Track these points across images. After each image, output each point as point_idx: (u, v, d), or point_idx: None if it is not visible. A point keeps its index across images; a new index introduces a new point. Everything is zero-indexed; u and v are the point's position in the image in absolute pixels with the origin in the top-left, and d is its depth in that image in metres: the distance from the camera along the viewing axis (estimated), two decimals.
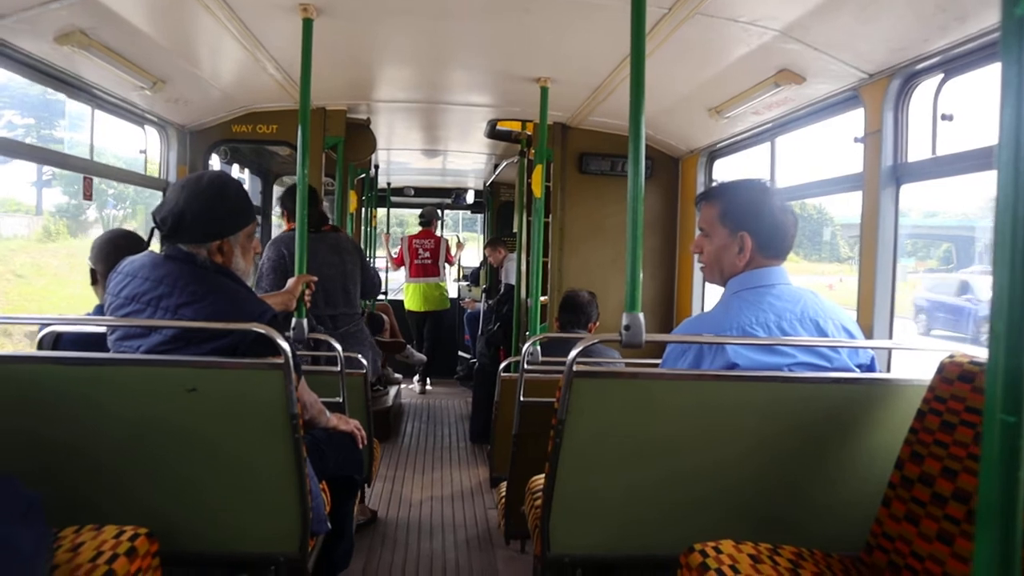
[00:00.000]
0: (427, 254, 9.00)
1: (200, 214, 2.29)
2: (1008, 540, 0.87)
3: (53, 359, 2.25)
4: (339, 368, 3.31)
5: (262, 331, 2.09)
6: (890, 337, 3.10)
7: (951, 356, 1.93)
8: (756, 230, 2.34)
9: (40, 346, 2.65)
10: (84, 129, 3.89)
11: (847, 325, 2.33)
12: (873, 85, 3.11)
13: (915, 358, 2.41)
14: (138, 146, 4.62)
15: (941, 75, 2.86)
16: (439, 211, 9.51)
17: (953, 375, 1.88)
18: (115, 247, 2.82)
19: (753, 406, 2.12)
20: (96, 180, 4.02)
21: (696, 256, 2.52)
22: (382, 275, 6.64)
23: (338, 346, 3.29)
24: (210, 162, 5.17)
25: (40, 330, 2.70)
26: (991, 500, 0.87)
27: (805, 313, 2.27)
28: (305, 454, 2.22)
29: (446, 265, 9.27)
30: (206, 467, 2.22)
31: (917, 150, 3.03)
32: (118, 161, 4.63)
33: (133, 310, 2.25)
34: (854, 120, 3.30)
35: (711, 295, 5.33)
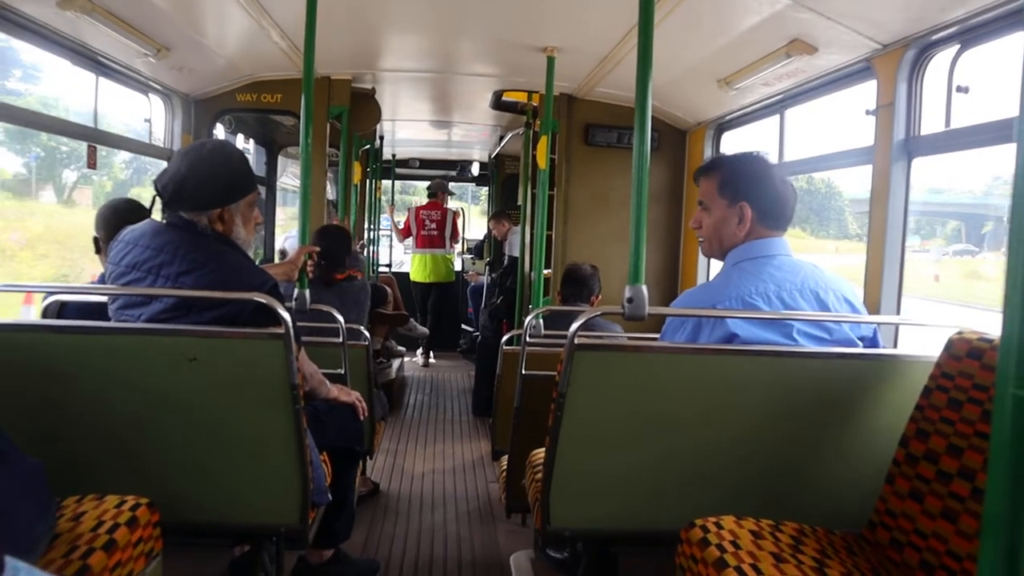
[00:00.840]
0: (433, 225, 8.98)
1: (201, 182, 2.27)
2: (1017, 516, 0.85)
3: (55, 327, 2.23)
4: (341, 339, 3.29)
5: (263, 300, 2.08)
6: (898, 313, 3.07)
7: (960, 332, 1.90)
8: (756, 200, 2.31)
9: (45, 314, 2.64)
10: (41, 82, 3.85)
11: (848, 296, 2.31)
12: (887, 56, 3.06)
13: (923, 334, 2.38)
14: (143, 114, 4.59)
15: (957, 46, 2.80)
16: (447, 184, 9.46)
17: (962, 352, 1.85)
18: (117, 215, 2.80)
19: (756, 381, 2.10)
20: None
21: (696, 231, 2.49)
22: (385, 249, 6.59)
23: (340, 316, 3.27)
24: (214, 131, 5.14)
25: (44, 298, 2.69)
26: (1001, 476, 0.85)
27: (805, 284, 2.25)
28: (305, 425, 2.21)
29: (452, 240, 9.25)
30: (207, 437, 2.22)
31: (930, 123, 2.98)
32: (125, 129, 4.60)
33: (134, 278, 2.24)
34: (866, 92, 3.25)
35: (716, 268, 5.29)
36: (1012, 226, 0.84)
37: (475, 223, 12.47)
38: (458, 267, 10.29)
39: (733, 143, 5.06)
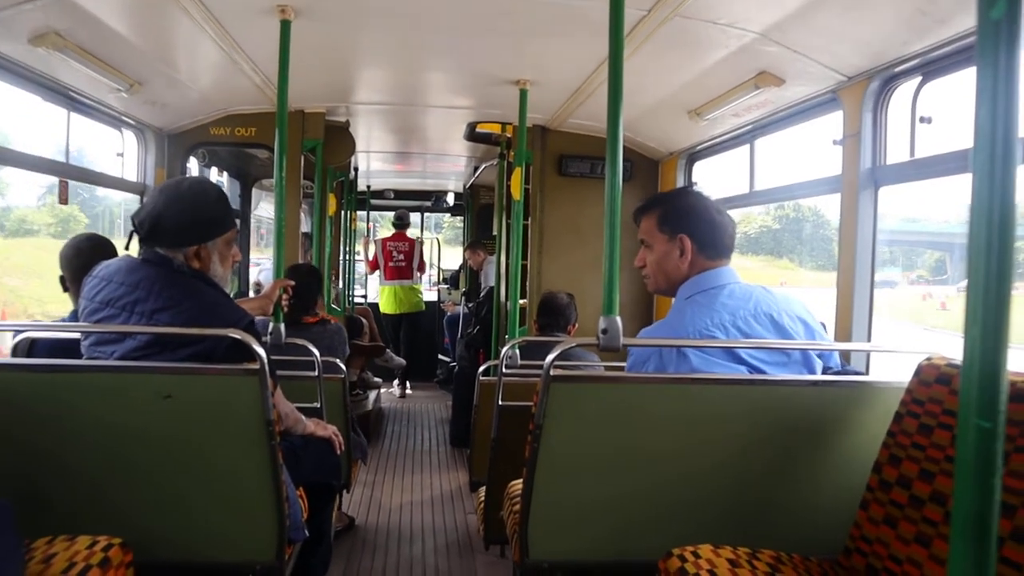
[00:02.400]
0: (401, 256, 8.99)
1: (178, 219, 2.26)
2: (983, 545, 0.86)
3: (26, 366, 2.21)
4: (316, 373, 3.28)
5: (238, 336, 2.06)
6: (868, 339, 3.11)
7: (929, 358, 1.93)
8: (694, 232, 2.37)
9: (15, 352, 2.61)
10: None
11: (800, 315, 2.35)
12: (852, 88, 3.13)
13: (894, 361, 2.41)
14: (115, 149, 4.57)
15: (919, 78, 2.88)
16: (407, 215, 9.51)
17: (931, 377, 1.88)
18: (80, 255, 2.78)
19: (730, 410, 2.11)
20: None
21: (641, 270, 2.53)
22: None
23: (315, 350, 3.25)
24: (188, 165, 5.13)
25: (14, 336, 2.66)
26: (966, 506, 0.87)
27: (759, 308, 2.28)
28: (281, 460, 2.20)
29: (419, 271, 9.25)
30: (181, 474, 2.19)
31: (895, 153, 3.04)
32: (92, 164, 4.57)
33: (108, 315, 2.22)
34: (833, 123, 3.31)
35: None
36: (970, 256, 0.86)
37: (446, 253, 12.48)
38: (434, 297, 10.27)
39: (705, 172, 5.12)
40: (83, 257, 2.64)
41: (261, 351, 2.06)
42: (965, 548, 0.87)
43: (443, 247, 11.35)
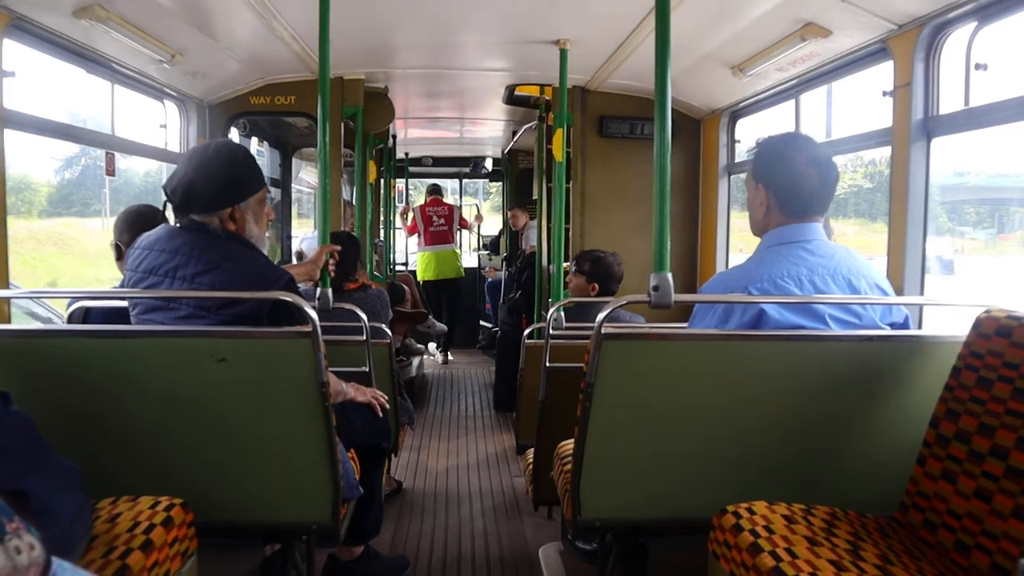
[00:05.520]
0: (441, 220, 8.97)
1: (209, 183, 2.28)
2: None
3: (83, 332, 2.26)
4: (364, 337, 3.30)
5: (289, 299, 2.08)
6: (921, 294, 3.06)
7: (987, 311, 1.89)
8: (772, 185, 2.29)
9: (70, 320, 2.67)
10: None
11: (880, 283, 2.29)
12: (902, 36, 3.04)
13: (947, 315, 2.37)
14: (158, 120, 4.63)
15: (975, 23, 2.78)
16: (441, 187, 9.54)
17: (990, 330, 1.85)
18: (141, 218, 2.83)
19: (783, 366, 2.09)
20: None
21: None
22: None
23: (363, 315, 3.27)
24: (229, 135, 5.16)
25: (68, 305, 2.71)
26: None
27: (838, 269, 2.23)
28: (335, 422, 2.22)
29: (460, 231, 9.23)
30: (237, 437, 2.23)
31: (949, 103, 2.95)
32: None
33: (152, 283, 2.26)
34: (883, 73, 3.22)
35: (734, 259, 5.28)
36: None
37: (488, 219, 12.47)
38: (474, 263, 10.28)
39: (748, 130, 5.04)
40: (146, 222, 2.68)
41: (313, 314, 2.07)
42: None
43: (483, 213, 11.33)
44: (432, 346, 9.18)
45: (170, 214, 2.46)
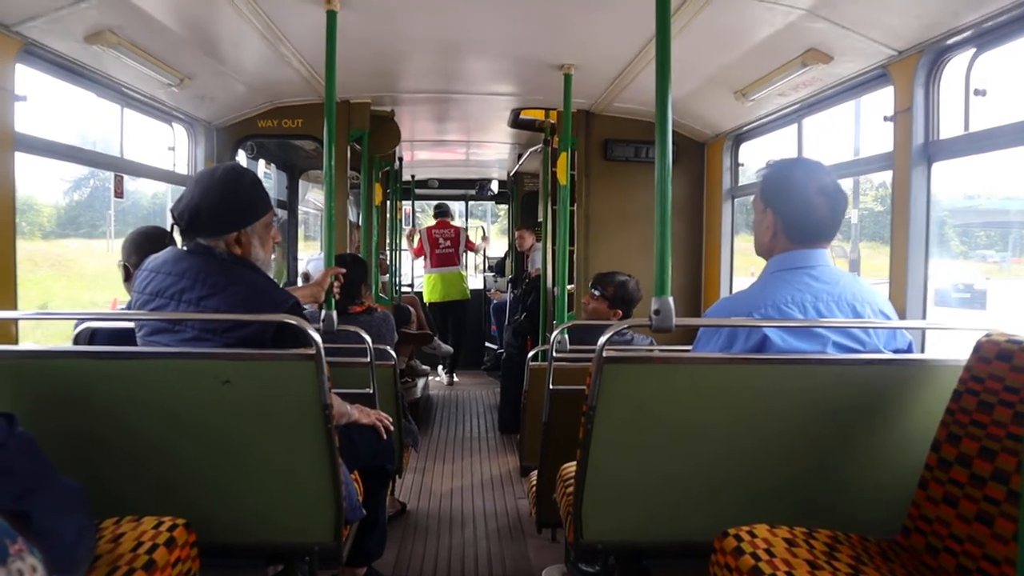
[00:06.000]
0: (447, 243, 9.01)
1: (215, 207, 2.30)
2: None
3: (89, 353, 2.27)
4: (368, 359, 3.31)
5: (293, 322, 2.10)
6: (923, 318, 3.06)
7: (988, 335, 1.90)
8: (780, 209, 2.29)
9: (76, 341, 2.68)
10: None
11: (884, 309, 2.29)
12: (902, 62, 3.07)
13: (949, 339, 2.37)
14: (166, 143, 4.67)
15: (973, 49, 2.81)
16: (450, 207, 9.57)
17: (991, 354, 1.85)
18: (149, 240, 2.85)
19: (786, 389, 2.09)
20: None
21: None
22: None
23: (367, 337, 3.29)
24: (236, 158, 5.21)
25: (75, 326, 2.73)
26: None
27: (843, 296, 2.23)
28: (337, 444, 2.23)
29: (466, 253, 9.25)
30: (240, 458, 2.24)
31: (949, 127, 2.98)
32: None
33: (158, 305, 2.27)
34: (883, 98, 3.25)
35: (738, 282, 5.30)
36: None
37: (494, 242, 12.50)
38: (479, 285, 10.31)
39: (752, 154, 5.07)
40: (154, 244, 2.70)
41: (316, 336, 2.09)
42: None
43: (490, 235, 11.37)
44: (438, 367, 9.19)
45: (178, 236, 2.48)
